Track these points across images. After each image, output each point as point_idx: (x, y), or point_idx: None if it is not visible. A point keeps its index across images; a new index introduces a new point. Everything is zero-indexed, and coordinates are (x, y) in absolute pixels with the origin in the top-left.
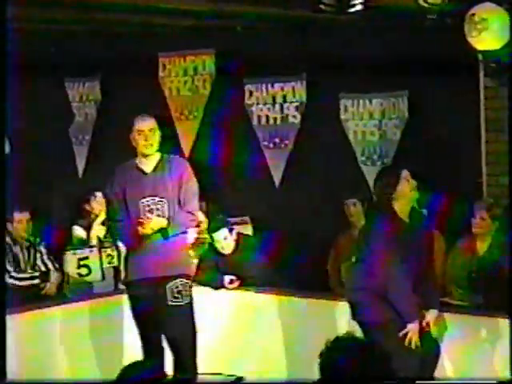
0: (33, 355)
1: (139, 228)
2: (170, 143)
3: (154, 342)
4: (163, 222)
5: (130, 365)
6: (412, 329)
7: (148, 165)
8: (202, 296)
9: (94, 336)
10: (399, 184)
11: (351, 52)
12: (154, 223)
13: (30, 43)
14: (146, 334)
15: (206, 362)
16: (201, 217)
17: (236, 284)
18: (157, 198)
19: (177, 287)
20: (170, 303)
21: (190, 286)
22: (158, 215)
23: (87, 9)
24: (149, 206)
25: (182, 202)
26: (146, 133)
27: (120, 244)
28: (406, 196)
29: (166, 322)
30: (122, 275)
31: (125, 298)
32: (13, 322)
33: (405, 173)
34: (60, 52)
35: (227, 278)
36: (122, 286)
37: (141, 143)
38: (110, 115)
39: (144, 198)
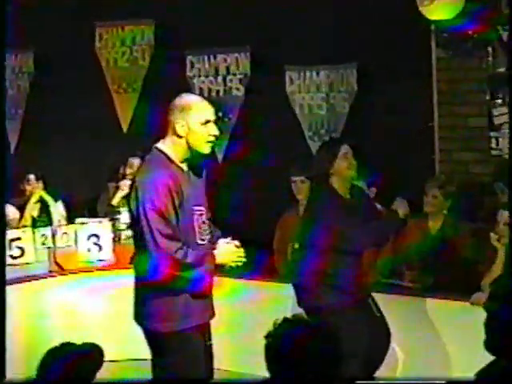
0: None
1: (220, 255)
2: None
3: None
4: None
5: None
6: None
7: (184, 163)
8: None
9: (27, 319)
10: (336, 160)
11: (297, 21)
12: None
13: None
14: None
15: None
16: None
17: None
18: (202, 208)
19: (209, 326)
20: (208, 343)
21: None
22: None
23: None
24: (201, 216)
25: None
26: (213, 124)
27: (55, 223)
28: (342, 173)
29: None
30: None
31: (58, 280)
32: None
33: (344, 149)
34: None
35: None
36: (55, 268)
37: (204, 138)
38: (44, 89)
39: (196, 207)
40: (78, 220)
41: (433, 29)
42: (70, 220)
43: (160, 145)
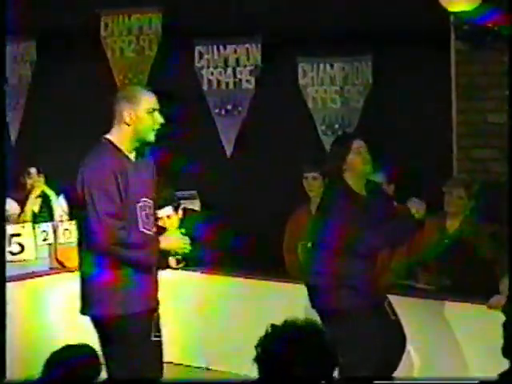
0: None
1: (165, 241)
2: None
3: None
4: None
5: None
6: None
7: (132, 153)
8: None
9: (26, 318)
10: (349, 155)
11: (311, 11)
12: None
13: None
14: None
15: None
16: None
17: (182, 264)
18: (148, 200)
19: (158, 320)
20: (153, 339)
21: None
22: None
23: None
24: (146, 207)
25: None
26: (157, 113)
27: (57, 219)
28: (356, 169)
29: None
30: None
31: (59, 277)
32: None
33: (357, 143)
34: None
35: (172, 258)
36: (56, 265)
37: (151, 126)
38: (47, 78)
39: (141, 197)
40: None
41: (452, 20)
42: (72, 215)
43: (107, 135)
